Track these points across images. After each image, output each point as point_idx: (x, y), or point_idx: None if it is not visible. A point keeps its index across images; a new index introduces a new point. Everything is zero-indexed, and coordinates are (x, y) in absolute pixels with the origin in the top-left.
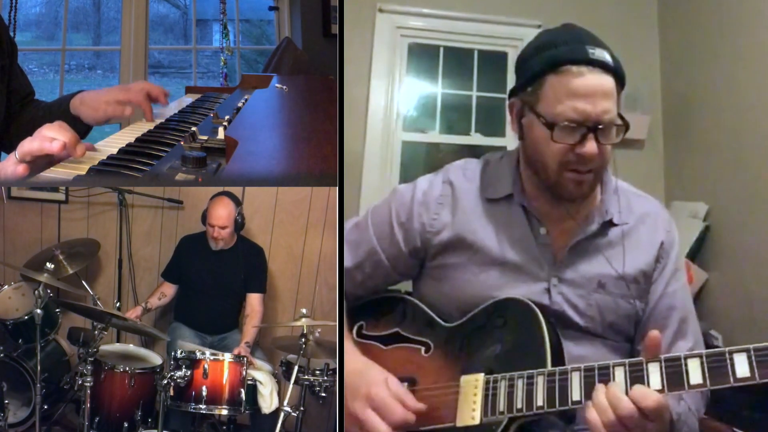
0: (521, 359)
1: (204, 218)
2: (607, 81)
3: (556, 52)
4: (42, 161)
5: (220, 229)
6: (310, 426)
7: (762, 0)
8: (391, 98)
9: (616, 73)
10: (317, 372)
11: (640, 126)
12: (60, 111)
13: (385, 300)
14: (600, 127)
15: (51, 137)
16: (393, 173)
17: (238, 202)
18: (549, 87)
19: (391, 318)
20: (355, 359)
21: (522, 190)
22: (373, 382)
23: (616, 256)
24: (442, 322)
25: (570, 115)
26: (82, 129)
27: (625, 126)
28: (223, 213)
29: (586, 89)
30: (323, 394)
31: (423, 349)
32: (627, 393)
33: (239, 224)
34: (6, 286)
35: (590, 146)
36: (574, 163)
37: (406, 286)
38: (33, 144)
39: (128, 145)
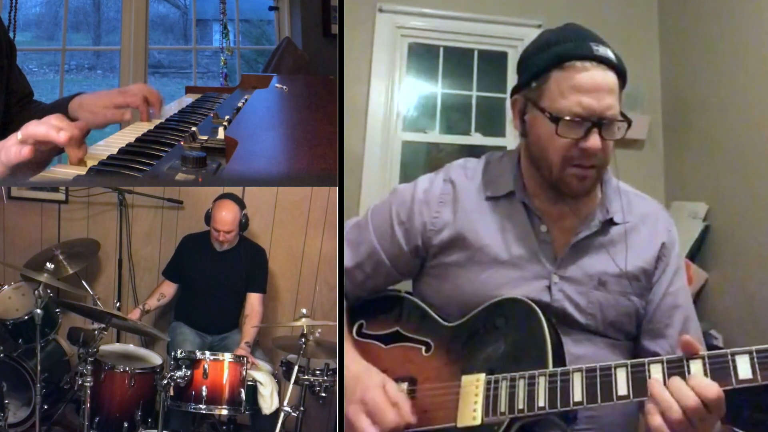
0: (522, 359)
1: (207, 219)
2: (611, 77)
3: (561, 48)
4: (43, 149)
5: (225, 234)
6: (310, 426)
7: (762, 0)
8: (391, 98)
9: (619, 70)
10: (317, 372)
11: (640, 126)
12: (58, 113)
13: (385, 299)
14: (604, 122)
15: (59, 127)
16: (393, 173)
17: (242, 205)
18: (554, 82)
19: (391, 317)
20: (354, 362)
21: (523, 188)
22: (369, 386)
23: (617, 254)
24: (443, 322)
25: (575, 109)
26: None
27: (628, 123)
28: (228, 217)
29: (591, 84)
30: (323, 394)
31: (423, 348)
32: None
33: (243, 225)
34: (6, 286)
35: (594, 140)
36: (577, 158)
37: (406, 285)
38: (39, 128)
39: (128, 145)
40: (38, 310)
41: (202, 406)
